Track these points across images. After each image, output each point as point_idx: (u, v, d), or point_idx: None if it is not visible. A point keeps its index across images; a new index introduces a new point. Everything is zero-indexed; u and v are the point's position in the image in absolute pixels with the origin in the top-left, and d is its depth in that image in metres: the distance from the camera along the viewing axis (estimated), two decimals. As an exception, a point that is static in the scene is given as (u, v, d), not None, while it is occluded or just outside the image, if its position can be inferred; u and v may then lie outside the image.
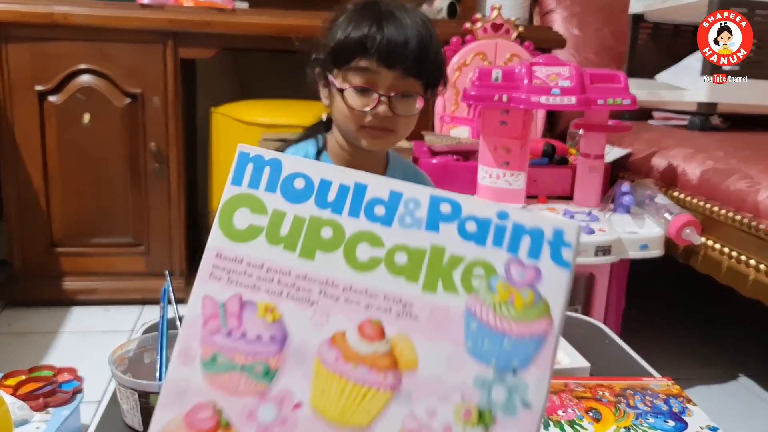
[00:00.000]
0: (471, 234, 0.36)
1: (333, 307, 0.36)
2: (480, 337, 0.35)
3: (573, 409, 0.64)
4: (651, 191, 1.40)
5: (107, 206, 1.79)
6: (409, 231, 0.37)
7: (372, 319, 0.36)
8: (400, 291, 0.36)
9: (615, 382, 0.71)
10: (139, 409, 0.61)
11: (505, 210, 0.37)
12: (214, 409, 0.35)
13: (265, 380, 0.35)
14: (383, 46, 0.83)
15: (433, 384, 0.35)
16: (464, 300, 0.36)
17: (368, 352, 0.35)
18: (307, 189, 0.37)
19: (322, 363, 0.35)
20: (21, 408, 1.04)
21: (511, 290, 0.36)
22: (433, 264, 0.36)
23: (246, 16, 1.75)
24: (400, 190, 0.37)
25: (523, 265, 0.36)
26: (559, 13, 2.19)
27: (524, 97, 1.28)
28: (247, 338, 0.36)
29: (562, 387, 0.69)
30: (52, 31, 1.66)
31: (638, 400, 0.67)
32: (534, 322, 0.36)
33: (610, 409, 0.65)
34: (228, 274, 0.38)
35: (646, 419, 0.64)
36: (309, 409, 0.35)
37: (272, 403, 0.35)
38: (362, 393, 0.35)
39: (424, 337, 0.35)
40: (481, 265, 0.36)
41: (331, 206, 0.37)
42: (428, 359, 0.35)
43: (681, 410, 0.66)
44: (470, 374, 0.35)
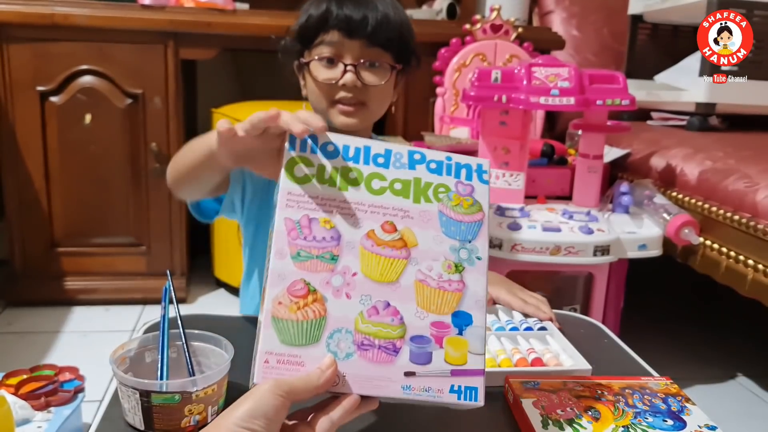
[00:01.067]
0: (433, 169, 0.61)
1: (363, 217, 0.58)
2: (449, 225, 0.60)
3: (572, 407, 0.65)
4: (650, 191, 1.40)
5: (108, 206, 1.79)
6: (399, 170, 0.60)
7: (388, 220, 0.59)
8: (401, 204, 0.59)
9: (614, 382, 0.71)
10: (141, 408, 0.61)
11: (449, 155, 0.62)
12: (304, 282, 0.56)
13: (332, 262, 0.57)
14: (342, 17, 0.86)
15: (428, 253, 0.59)
16: (436, 206, 0.60)
17: (389, 239, 0.58)
18: (335, 150, 0.59)
19: (364, 248, 0.57)
20: (23, 407, 1.04)
21: (460, 198, 0.61)
22: (416, 187, 0.60)
23: (246, 17, 1.75)
24: (390, 148, 0.61)
25: (463, 184, 0.61)
26: (559, 13, 2.20)
27: (523, 97, 1.29)
28: (316, 239, 0.57)
29: (561, 386, 0.69)
30: (53, 32, 1.67)
31: (637, 399, 0.67)
32: (475, 214, 0.61)
33: (608, 408, 0.65)
34: (297, 203, 0.57)
35: (644, 418, 0.64)
36: (361, 275, 0.57)
37: (339, 274, 0.57)
38: (390, 263, 0.58)
39: (418, 228, 0.59)
40: (442, 186, 0.61)
41: (353, 159, 0.60)
42: (423, 240, 0.59)
43: (679, 409, 0.66)
44: (447, 246, 0.59)
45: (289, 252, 0.56)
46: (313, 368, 0.53)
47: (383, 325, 0.56)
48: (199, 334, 0.71)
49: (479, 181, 0.61)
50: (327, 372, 0.53)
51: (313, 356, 0.54)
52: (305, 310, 0.55)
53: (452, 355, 0.57)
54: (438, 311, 0.58)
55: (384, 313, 0.56)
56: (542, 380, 0.69)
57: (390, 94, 0.94)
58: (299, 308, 0.55)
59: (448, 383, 0.57)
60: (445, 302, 0.58)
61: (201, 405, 0.62)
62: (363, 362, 0.55)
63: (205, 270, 2.03)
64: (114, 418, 0.64)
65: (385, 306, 0.57)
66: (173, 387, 0.61)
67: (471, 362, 0.57)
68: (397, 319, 0.57)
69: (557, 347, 0.81)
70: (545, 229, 1.23)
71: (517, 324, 0.87)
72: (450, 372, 0.57)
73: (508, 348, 0.80)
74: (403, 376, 0.56)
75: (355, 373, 0.55)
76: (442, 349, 0.57)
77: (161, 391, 0.61)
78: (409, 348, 0.56)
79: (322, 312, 0.55)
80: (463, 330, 0.58)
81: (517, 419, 0.66)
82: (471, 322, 0.58)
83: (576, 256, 1.22)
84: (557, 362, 0.76)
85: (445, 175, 0.61)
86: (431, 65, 1.83)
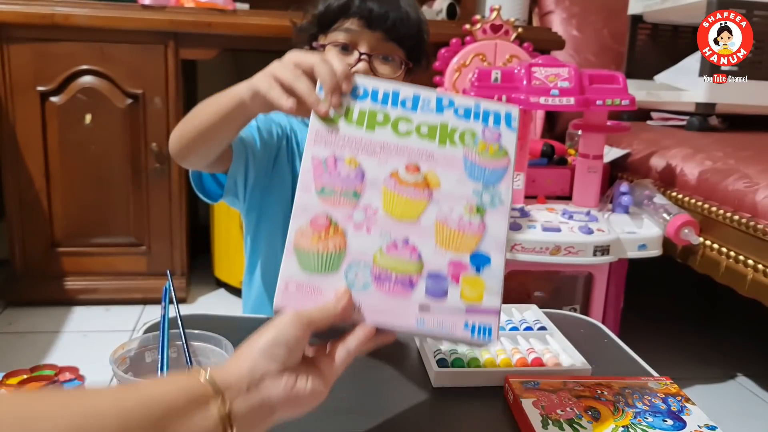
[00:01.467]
0: (461, 115, 0.62)
1: (388, 157, 0.60)
2: (473, 169, 0.61)
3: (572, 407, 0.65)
4: (649, 191, 1.41)
5: (108, 206, 1.79)
6: (427, 114, 0.61)
7: (412, 162, 0.60)
8: (427, 147, 0.61)
9: (614, 381, 0.71)
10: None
11: (479, 102, 0.63)
12: (327, 216, 0.58)
13: (355, 198, 0.59)
14: (365, 7, 0.88)
15: (450, 194, 0.60)
16: (462, 150, 0.61)
17: (412, 180, 0.60)
18: (365, 93, 0.62)
19: (387, 188, 0.59)
20: (23, 407, 1.04)
21: (487, 144, 0.62)
22: (443, 131, 0.61)
23: (247, 17, 1.75)
24: (419, 93, 0.62)
25: (491, 130, 0.62)
26: (558, 14, 2.20)
27: (523, 97, 1.29)
28: (341, 177, 0.59)
29: (561, 386, 0.69)
30: (54, 32, 1.67)
31: (637, 399, 0.67)
32: (500, 160, 0.62)
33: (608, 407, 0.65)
34: (324, 142, 0.60)
35: (644, 418, 0.64)
36: (382, 213, 0.59)
37: (361, 210, 0.59)
38: (411, 202, 0.59)
39: (442, 170, 0.60)
40: (469, 131, 0.62)
41: (381, 102, 0.61)
42: (446, 182, 0.60)
43: (679, 409, 0.66)
44: (470, 189, 0.60)
45: (314, 187, 0.59)
46: (330, 297, 0.56)
47: (401, 260, 0.58)
48: (199, 334, 0.71)
49: (507, 128, 0.62)
50: (342, 300, 0.55)
51: (331, 285, 0.57)
52: (326, 241, 0.58)
53: (468, 293, 0.59)
54: (456, 250, 0.59)
55: (403, 249, 0.58)
56: (542, 380, 0.70)
57: None
58: (320, 239, 0.58)
59: (463, 320, 0.58)
60: (464, 242, 0.59)
61: (201, 405, 0.62)
62: (379, 294, 0.57)
63: (205, 270, 2.03)
64: None
65: (404, 243, 0.59)
66: (173, 387, 0.61)
67: (486, 301, 0.59)
68: (415, 255, 0.58)
69: (557, 347, 0.81)
70: (545, 229, 1.23)
71: (517, 324, 0.87)
72: (465, 309, 0.58)
73: (508, 348, 0.80)
74: (418, 310, 0.58)
75: (371, 304, 0.57)
76: (459, 287, 0.59)
77: None
78: (425, 283, 0.58)
79: (342, 245, 0.58)
80: (480, 270, 0.59)
81: (516, 419, 0.66)
82: (489, 262, 0.59)
83: (576, 256, 1.22)
84: (557, 362, 0.76)
85: (472, 120, 0.62)
86: (431, 65, 1.83)
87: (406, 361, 0.78)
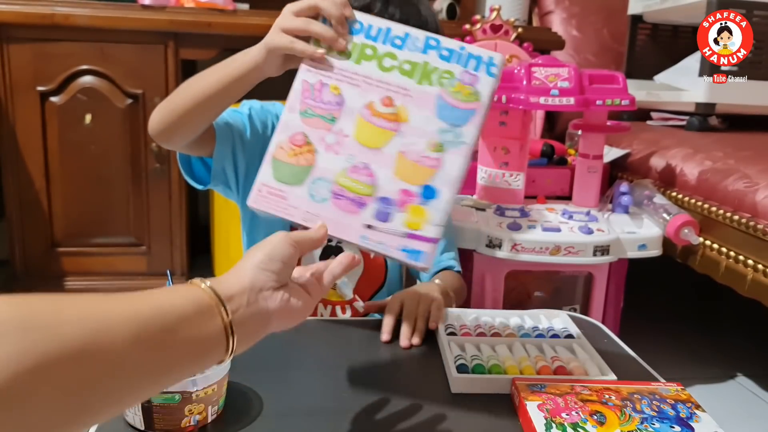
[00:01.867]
0: (444, 56, 0.66)
1: (368, 89, 0.65)
2: (444, 109, 0.65)
3: (577, 411, 0.64)
4: (649, 191, 1.41)
5: (108, 206, 1.80)
6: (412, 53, 0.66)
7: (388, 96, 0.65)
8: (405, 83, 0.65)
9: (622, 386, 0.70)
10: (141, 408, 0.61)
11: (463, 45, 0.66)
12: (304, 135, 0.66)
13: (331, 122, 0.66)
14: (387, 13, 0.87)
15: (416, 129, 0.65)
16: (437, 89, 0.65)
17: (384, 112, 0.65)
18: (360, 27, 0.67)
19: (361, 117, 0.65)
20: (23, 407, 1.04)
21: (462, 87, 0.65)
22: (423, 70, 0.65)
23: (247, 17, 1.75)
24: (409, 32, 0.66)
25: (469, 74, 0.65)
26: (558, 14, 2.20)
27: (523, 97, 1.29)
28: (323, 101, 0.66)
29: (569, 389, 0.68)
30: (54, 32, 1.67)
31: (645, 404, 0.66)
32: (472, 103, 0.65)
33: (615, 412, 0.64)
34: (316, 69, 0.67)
35: (651, 424, 0.63)
36: (352, 138, 0.65)
37: (333, 133, 0.66)
38: (380, 132, 0.65)
39: (414, 107, 0.65)
40: (447, 72, 0.65)
41: (373, 38, 0.66)
42: (415, 118, 0.65)
43: (688, 415, 0.65)
44: (436, 127, 0.65)
45: (299, 108, 0.66)
46: (292, 203, 0.66)
47: (358, 182, 0.65)
48: (199, 334, 0.71)
49: (486, 74, 0.65)
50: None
51: (295, 194, 0.66)
52: (299, 157, 0.66)
53: (411, 220, 0.65)
54: (411, 180, 0.65)
55: (362, 172, 0.65)
56: (549, 383, 0.69)
57: None
58: (294, 154, 0.66)
59: (401, 243, 0.65)
60: (418, 174, 0.65)
61: (201, 405, 0.62)
62: (334, 208, 0.65)
63: (205, 270, 2.03)
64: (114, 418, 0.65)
65: (365, 167, 0.65)
66: (173, 387, 0.61)
67: (426, 230, 0.64)
68: (371, 179, 0.65)
69: (584, 356, 0.80)
70: (545, 229, 1.23)
71: (543, 331, 0.86)
72: (406, 234, 0.65)
73: (532, 355, 0.79)
74: (363, 227, 0.65)
75: (325, 216, 0.65)
76: (403, 214, 0.65)
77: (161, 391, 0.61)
78: (374, 206, 0.65)
79: (312, 161, 0.66)
80: (428, 201, 0.65)
81: (521, 422, 0.65)
82: (436, 196, 0.65)
83: (576, 256, 1.22)
84: (582, 371, 0.75)
85: (453, 62, 0.65)
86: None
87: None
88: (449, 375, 0.74)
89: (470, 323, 0.89)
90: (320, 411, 0.67)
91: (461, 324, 0.88)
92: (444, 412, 0.69)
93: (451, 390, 0.72)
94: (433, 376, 0.75)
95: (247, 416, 0.65)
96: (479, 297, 1.25)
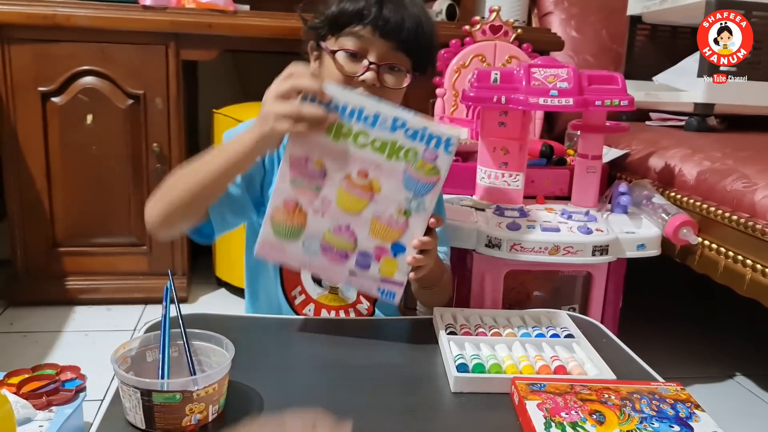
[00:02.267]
0: (409, 135, 0.75)
1: (346, 163, 0.76)
2: (409, 181, 0.77)
3: (577, 411, 0.64)
4: (648, 191, 1.41)
5: (109, 206, 1.80)
6: (382, 131, 0.75)
7: (364, 169, 0.77)
8: (377, 159, 0.76)
9: (622, 386, 0.70)
10: (142, 407, 0.62)
11: (426, 126, 0.76)
12: (295, 201, 0.79)
13: (317, 191, 0.78)
14: (380, 16, 0.87)
15: (387, 198, 0.78)
16: (403, 164, 0.77)
17: (360, 183, 0.77)
18: (336, 107, 0.75)
19: (341, 187, 0.78)
20: (24, 406, 1.05)
21: (424, 163, 0.77)
22: (392, 148, 0.76)
23: (247, 18, 1.76)
24: (380, 112, 0.75)
25: (431, 152, 0.76)
26: (558, 14, 2.20)
27: (522, 98, 1.29)
28: (309, 173, 0.77)
29: (568, 389, 0.69)
30: (55, 33, 1.67)
31: (644, 404, 0.66)
32: (432, 177, 0.77)
33: (614, 412, 0.65)
34: (301, 145, 0.76)
35: (650, 423, 0.63)
36: (335, 204, 0.79)
37: (320, 200, 0.78)
38: (357, 200, 0.78)
39: (385, 179, 0.77)
40: (412, 150, 0.76)
41: (348, 117, 0.75)
42: (386, 188, 0.77)
43: (688, 415, 0.65)
44: (403, 196, 0.78)
45: (289, 177, 0.78)
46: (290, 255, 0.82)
47: (342, 240, 0.80)
48: (200, 334, 0.72)
49: (444, 152, 0.76)
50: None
51: (292, 248, 0.81)
52: (293, 218, 0.80)
53: (384, 269, 0.82)
54: (383, 239, 0.80)
55: (344, 232, 0.80)
56: (549, 383, 0.70)
57: (401, 98, 0.95)
58: (288, 216, 0.80)
59: (377, 285, 0.83)
60: (389, 234, 0.80)
61: (202, 404, 0.63)
62: (324, 259, 0.81)
63: (206, 270, 2.03)
64: (115, 417, 0.65)
65: (347, 228, 0.80)
66: (174, 386, 0.62)
67: (396, 276, 0.82)
68: (352, 238, 0.80)
69: (583, 355, 0.80)
70: (544, 229, 1.24)
71: (543, 330, 0.87)
72: (380, 279, 0.82)
73: (532, 354, 0.79)
74: (348, 274, 0.82)
75: (317, 264, 0.82)
76: (379, 264, 0.81)
77: (162, 390, 0.61)
78: (356, 258, 0.81)
79: (303, 222, 0.80)
80: (396, 255, 0.81)
81: (521, 421, 0.66)
82: (404, 251, 0.81)
83: (575, 255, 1.22)
84: (581, 371, 0.76)
85: (417, 141, 0.76)
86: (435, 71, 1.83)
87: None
88: (449, 374, 0.74)
89: (470, 323, 0.90)
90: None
91: (461, 324, 0.89)
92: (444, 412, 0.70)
93: (451, 389, 0.72)
94: (433, 376, 0.76)
95: (248, 415, 0.66)
96: (479, 297, 1.26)
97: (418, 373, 0.78)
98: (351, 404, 0.69)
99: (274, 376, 0.75)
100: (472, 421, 0.68)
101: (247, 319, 0.91)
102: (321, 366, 0.78)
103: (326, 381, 0.75)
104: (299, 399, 0.70)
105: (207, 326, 0.74)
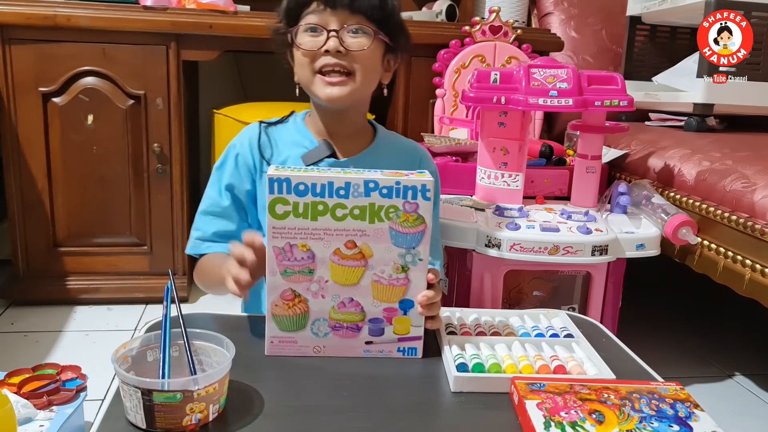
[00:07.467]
0: (385, 194, 0.75)
1: (331, 239, 0.76)
2: (397, 237, 0.76)
3: (576, 410, 0.65)
4: (648, 191, 1.41)
5: (110, 206, 1.80)
6: (357, 198, 0.75)
7: (350, 239, 0.76)
8: (359, 226, 0.76)
9: (621, 385, 0.70)
10: (142, 406, 0.62)
11: (398, 179, 0.75)
12: (291, 290, 0.77)
13: (310, 274, 0.77)
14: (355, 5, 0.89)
15: (381, 260, 0.77)
16: (387, 224, 0.76)
17: (350, 254, 0.77)
18: (305, 189, 0.75)
19: (332, 262, 0.77)
20: (25, 406, 1.05)
21: (407, 215, 0.76)
22: (371, 211, 0.75)
23: (248, 19, 1.76)
24: (350, 180, 0.74)
25: (410, 203, 0.75)
26: (557, 15, 2.20)
27: (522, 98, 1.30)
28: (297, 260, 0.76)
29: (567, 388, 0.69)
30: (56, 33, 1.68)
31: (644, 403, 0.66)
32: (419, 226, 0.76)
33: (614, 411, 0.65)
34: (280, 234, 0.75)
35: (650, 423, 0.63)
36: (331, 281, 0.77)
37: (315, 282, 0.77)
38: (352, 271, 0.77)
39: (373, 243, 0.76)
40: (392, 207, 0.75)
41: (320, 194, 0.75)
42: (377, 251, 0.77)
43: (687, 415, 0.65)
44: (395, 253, 0.77)
45: (278, 270, 0.77)
46: (302, 344, 0.79)
47: (349, 314, 0.79)
48: (200, 333, 0.72)
49: (423, 199, 0.76)
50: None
51: (302, 337, 0.79)
52: (293, 308, 0.78)
53: (399, 329, 0.80)
54: (388, 301, 0.79)
55: (349, 306, 0.79)
56: (548, 382, 0.70)
57: (377, 67, 0.96)
58: (289, 308, 0.78)
59: (396, 346, 0.81)
60: (393, 294, 0.79)
61: (203, 403, 0.63)
62: (336, 338, 0.80)
63: (206, 270, 2.03)
64: (116, 416, 0.65)
65: (350, 301, 0.78)
66: (175, 386, 0.62)
67: (413, 332, 0.80)
68: (359, 308, 0.79)
69: (582, 355, 0.81)
70: (544, 229, 1.24)
71: (543, 330, 0.87)
72: (397, 339, 0.80)
73: (531, 354, 0.80)
74: (364, 344, 0.80)
75: (331, 345, 0.80)
76: (392, 325, 0.80)
77: (163, 390, 0.62)
78: (367, 327, 0.79)
79: (306, 309, 0.78)
80: (407, 311, 0.79)
81: (520, 420, 0.66)
82: (413, 306, 0.79)
83: (574, 255, 1.23)
84: (581, 371, 0.76)
85: (394, 197, 0.75)
86: (431, 66, 1.84)
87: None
88: (449, 374, 0.74)
89: (470, 323, 0.90)
90: (320, 410, 0.68)
91: (461, 324, 0.89)
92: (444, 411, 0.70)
93: (451, 389, 0.73)
94: (433, 376, 0.76)
95: (248, 415, 0.66)
96: (478, 296, 1.26)
97: (418, 373, 0.78)
98: (350, 403, 0.69)
99: (274, 375, 0.75)
100: (472, 421, 0.68)
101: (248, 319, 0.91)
102: (321, 365, 0.78)
103: (326, 380, 0.75)
104: (299, 398, 0.70)
105: (207, 326, 0.74)
